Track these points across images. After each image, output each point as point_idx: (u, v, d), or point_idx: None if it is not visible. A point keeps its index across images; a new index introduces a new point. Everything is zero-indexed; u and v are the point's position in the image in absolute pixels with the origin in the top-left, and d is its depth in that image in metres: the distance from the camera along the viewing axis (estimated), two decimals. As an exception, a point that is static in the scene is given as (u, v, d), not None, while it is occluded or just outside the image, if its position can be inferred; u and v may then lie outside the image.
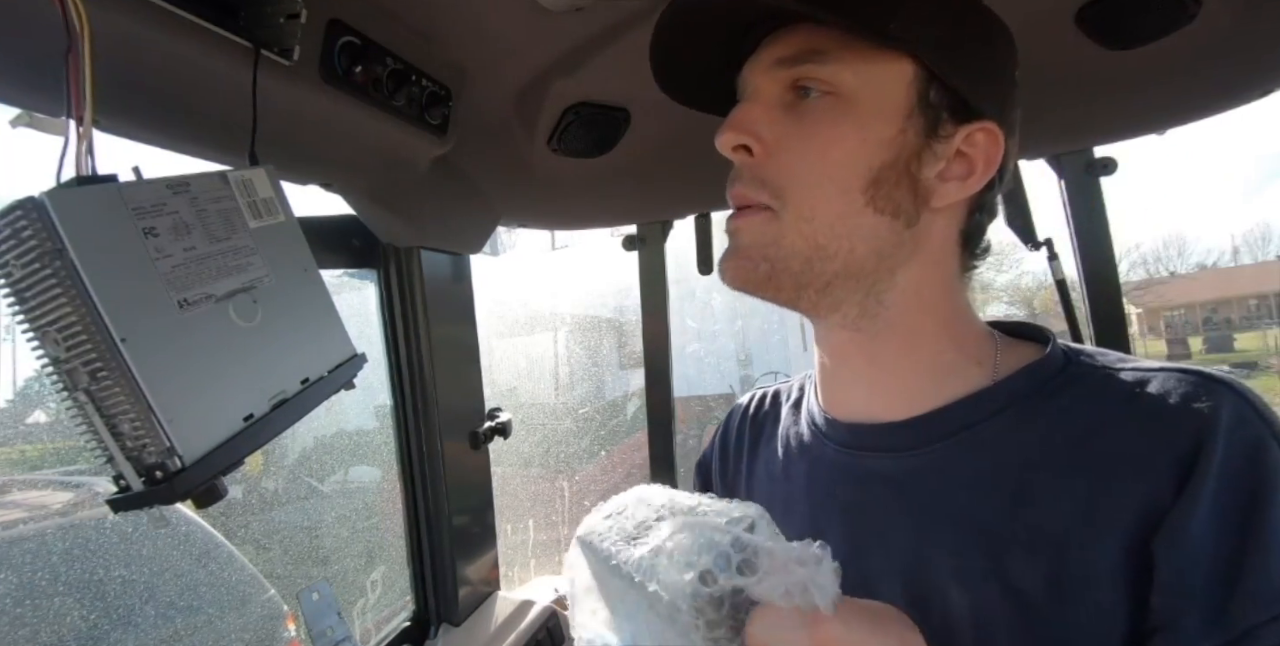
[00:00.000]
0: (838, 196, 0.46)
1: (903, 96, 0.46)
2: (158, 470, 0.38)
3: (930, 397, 0.50)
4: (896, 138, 0.46)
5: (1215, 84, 0.82)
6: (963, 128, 0.47)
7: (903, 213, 0.47)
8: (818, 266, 0.47)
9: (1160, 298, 20.47)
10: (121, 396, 0.37)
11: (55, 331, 0.37)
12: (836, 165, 0.46)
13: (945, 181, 0.48)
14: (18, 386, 3.14)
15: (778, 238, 0.47)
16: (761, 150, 0.48)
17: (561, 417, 5.09)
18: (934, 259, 0.50)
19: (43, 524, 2.31)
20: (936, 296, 0.51)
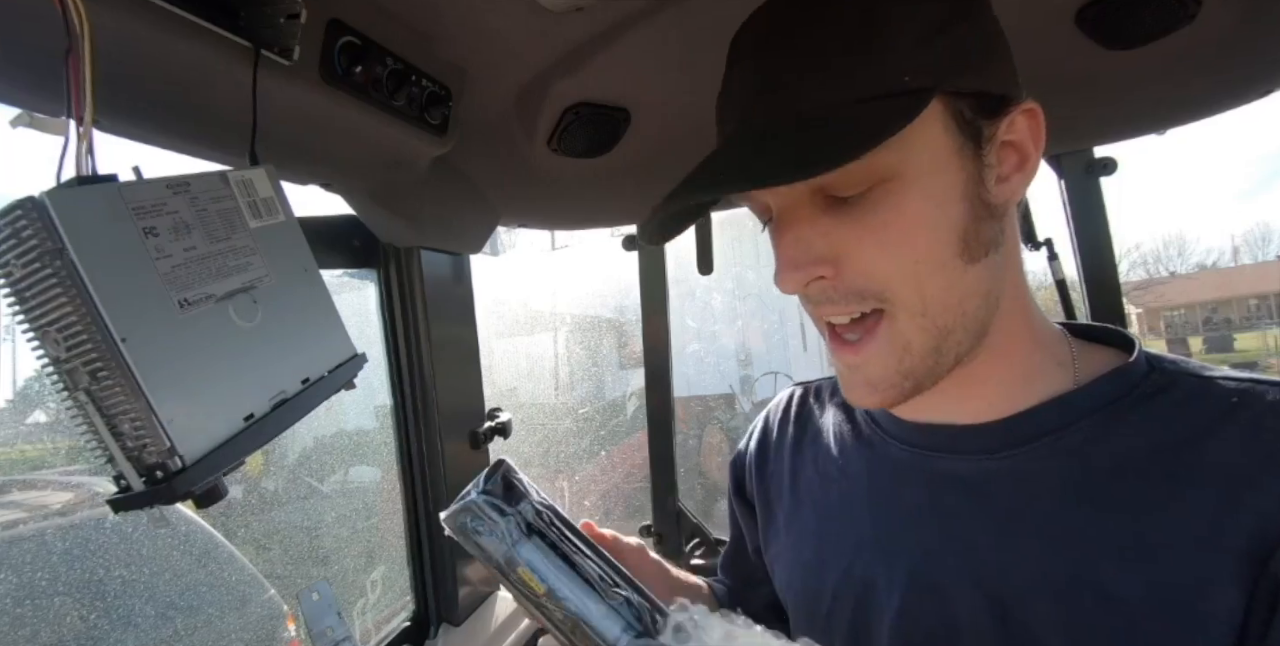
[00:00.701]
0: (938, 271, 0.42)
1: (943, 138, 0.41)
2: (158, 470, 0.38)
3: (1014, 401, 0.47)
4: (961, 184, 0.42)
5: (1215, 84, 0.82)
6: (1001, 120, 0.43)
7: (993, 244, 0.44)
8: (945, 347, 0.44)
9: (1160, 298, 20.47)
10: (122, 396, 0.37)
11: (55, 331, 0.37)
12: (924, 246, 0.42)
13: (1005, 181, 0.45)
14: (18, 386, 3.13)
15: (906, 345, 0.44)
16: (833, 270, 0.43)
17: (561, 417, 5.09)
18: (1013, 262, 0.48)
19: (43, 524, 2.31)
20: (1019, 296, 0.48)
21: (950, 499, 0.48)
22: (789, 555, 0.60)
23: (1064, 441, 0.45)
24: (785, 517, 0.61)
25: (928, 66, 0.40)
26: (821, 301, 0.45)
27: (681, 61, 0.79)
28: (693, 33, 0.75)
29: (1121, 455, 0.43)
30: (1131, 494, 0.42)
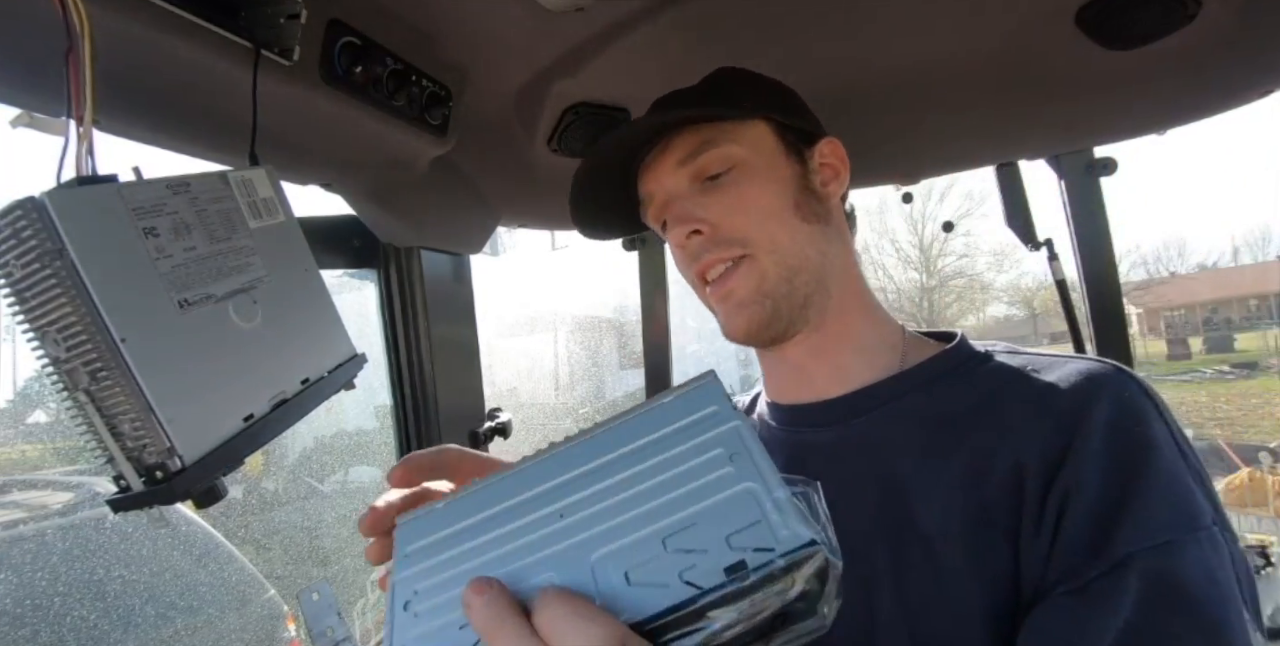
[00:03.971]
0: (782, 225, 0.59)
1: (772, 145, 0.62)
2: (158, 470, 0.38)
3: (858, 377, 0.60)
4: (787, 171, 0.61)
5: (1215, 84, 0.82)
6: (814, 147, 0.64)
7: (819, 216, 0.62)
8: (796, 282, 0.59)
9: (1160, 298, 20.50)
10: (122, 396, 0.37)
11: (55, 331, 0.37)
12: (768, 206, 0.60)
13: (827, 185, 0.64)
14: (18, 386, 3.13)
15: (764, 272, 0.59)
16: (709, 228, 0.59)
17: (561, 418, 5.09)
18: (844, 240, 0.64)
19: (43, 524, 2.31)
20: (855, 275, 0.64)
21: (810, 464, 0.59)
22: None
23: (899, 407, 0.57)
24: None
25: (759, 104, 0.63)
26: (700, 254, 0.60)
27: (681, 61, 0.79)
28: (693, 33, 0.75)
29: (940, 416, 0.55)
30: (942, 445, 0.53)
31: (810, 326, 0.61)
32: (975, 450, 0.51)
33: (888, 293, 17.88)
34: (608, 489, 0.30)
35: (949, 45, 0.80)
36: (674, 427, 0.31)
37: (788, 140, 0.63)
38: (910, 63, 0.83)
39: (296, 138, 0.69)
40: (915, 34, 0.79)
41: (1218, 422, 10.42)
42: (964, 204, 17.74)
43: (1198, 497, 0.46)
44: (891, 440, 0.55)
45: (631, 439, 0.31)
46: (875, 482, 0.54)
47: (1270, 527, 4.46)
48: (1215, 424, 10.30)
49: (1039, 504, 0.47)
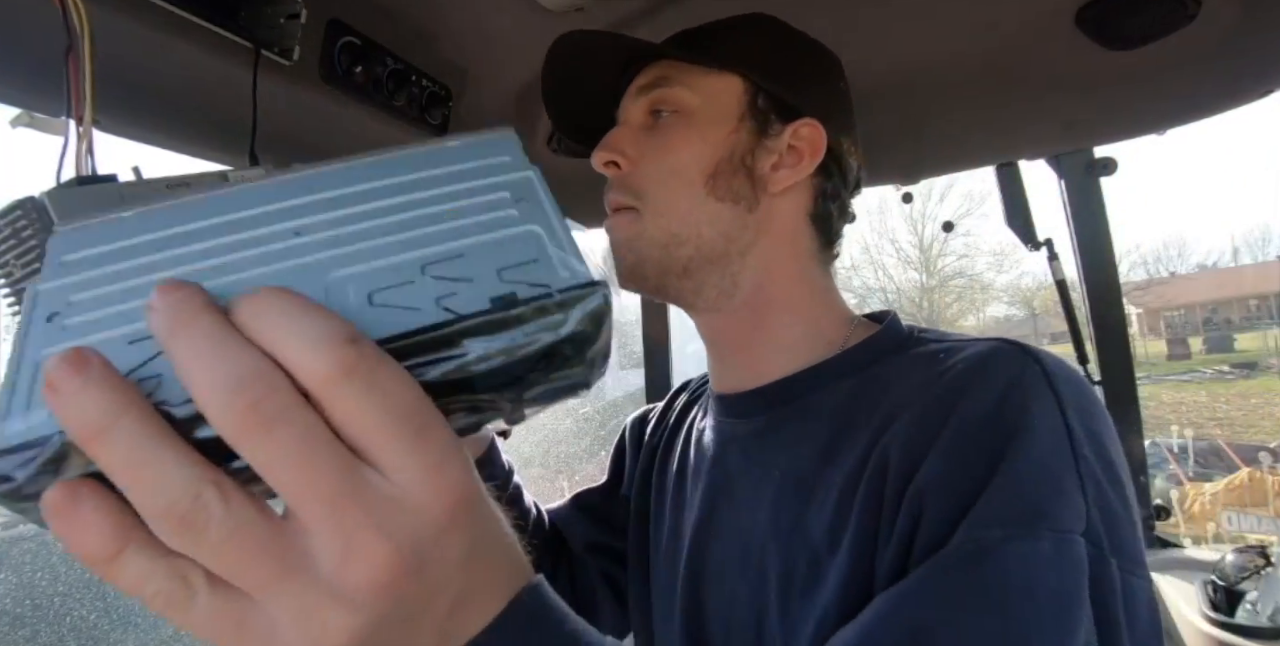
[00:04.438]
0: (683, 189, 0.55)
1: (734, 105, 0.56)
2: None
3: (779, 369, 0.56)
4: (729, 137, 0.55)
5: (1215, 84, 0.82)
6: (789, 125, 0.56)
7: (742, 199, 0.55)
8: (674, 251, 0.55)
9: (1160, 298, 20.50)
10: None
11: None
12: (680, 165, 0.55)
13: (778, 170, 0.56)
14: (18, 386, 3.13)
15: (640, 232, 0.55)
16: (627, 164, 0.56)
17: (561, 418, 5.09)
18: (783, 239, 0.57)
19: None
20: (788, 274, 0.57)
21: (730, 457, 0.58)
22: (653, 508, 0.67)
23: (811, 401, 0.54)
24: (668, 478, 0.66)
25: (743, 59, 0.56)
26: (610, 188, 0.58)
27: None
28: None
29: (844, 410, 0.51)
30: (842, 443, 0.49)
31: (709, 305, 0.57)
32: (865, 450, 0.46)
33: (888, 292, 17.89)
34: (365, 214, 0.24)
35: (949, 45, 0.81)
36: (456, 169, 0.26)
37: (757, 105, 0.56)
38: (910, 62, 0.83)
39: (296, 137, 0.69)
40: (915, 34, 0.79)
41: (1218, 422, 10.42)
42: (964, 204, 17.76)
43: (1067, 498, 0.39)
44: (801, 437, 0.52)
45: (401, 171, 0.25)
46: (778, 483, 0.51)
47: (1270, 527, 4.46)
48: (1215, 424, 10.30)
49: (894, 509, 0.42)
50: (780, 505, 0.50)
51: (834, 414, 0.51)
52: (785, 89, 0.57)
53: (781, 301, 0.57)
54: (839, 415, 0.51)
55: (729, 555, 0.53)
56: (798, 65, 0.59)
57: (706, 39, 0.58)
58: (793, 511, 0.49)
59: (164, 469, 0.18)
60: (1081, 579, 0.37)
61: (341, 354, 0.19)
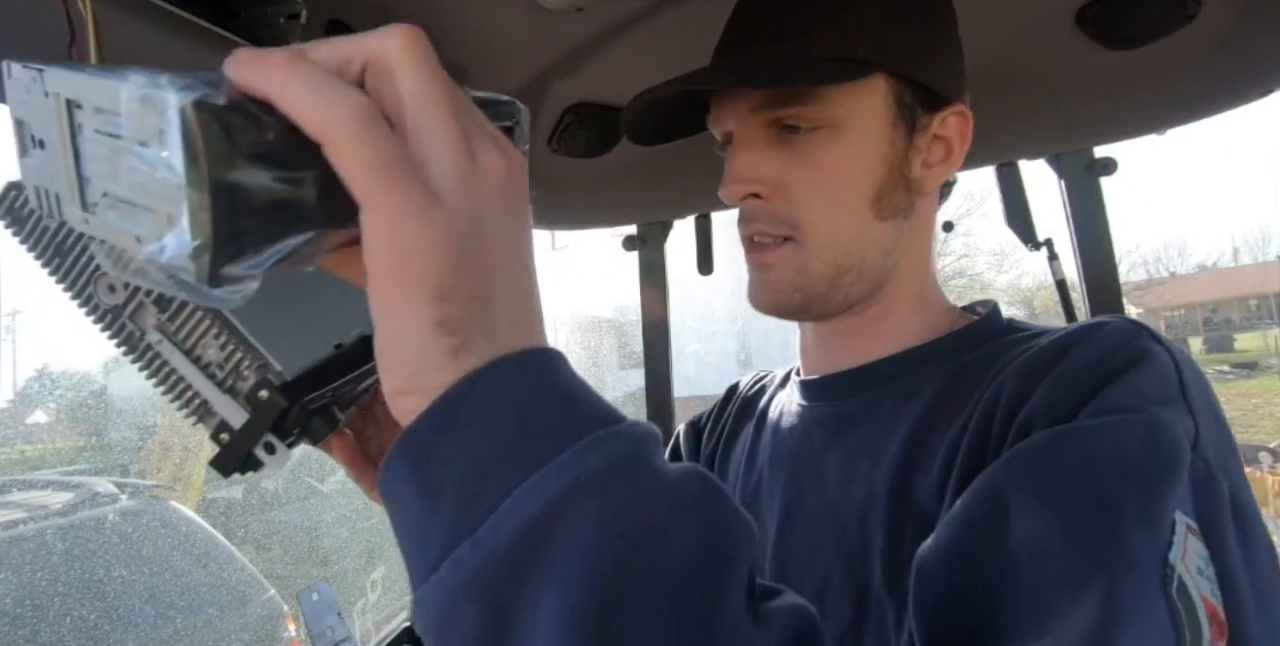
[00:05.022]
0: (849, 218, 0.51)
1: (883, 110, 0.50)
2: (261, 389, 0.32)
3: (882, 350, 0.55)
4: (889, 151, 0.50)
5: (1215, 84, 0.82)
6: (936, 115, 0.52)
7: (901, 210, 0.52)
8: (840, 281, 0.52)
9: (1160, 298, 20.50)
10: (199, 315, 0.33)
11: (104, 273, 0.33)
12: (842, 191, 0.50)
13: (930, 168, 0.52)
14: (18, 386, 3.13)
15: (804, 267, 0.51)
16: (769, 192, 0.51)
17: (561, 418, 5.09)
18: (925, 235, 0.56)
19: (43, 524, 2.31)
20: (919, 269, 0.56)
21: (816, 440, 0.56)
22: None
23: (904, 384, 0.52)
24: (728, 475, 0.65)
25: (882, 48, 0.49)
26: (750, 219, 0.53)
27: (681, 62, 0.79)
28: (693, 33, 0.75)
29: (944, 388, 0.50)
30: (935, 417, 0.48)
31: (847, 314, 0.55)
32: (969, 413, 0.46)
33: (888, 293, 17.86)
34: None
35: (949, 45, 0.81)
36: None
37: (904, 102, 0.50)
38: (910, 63, 0.83)
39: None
40: (915, 34, 0.79)
41: (1218, 422, 10.41)
42: (964, 204, 17.75)
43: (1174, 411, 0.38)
44: (899, 415, 0.51)
45: None
46: (874, 455, 0.50)
47: (1270, 527, 4.47)
48: (1215, 424, 10.28)
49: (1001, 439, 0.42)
50: (882, 480, 0.49)
51: (936, 392, 0.50)
52: (929, 73, 0.50)
53: (908, 295, 0.56)
54: (941, 393, 0.49)
55: (821, 536, 0.52)
56: (930, 33, 0.52)
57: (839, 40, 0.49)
58: (897, 483, 0.48)
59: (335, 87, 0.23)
60: (1179, 464, 0.35)
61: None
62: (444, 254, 0.23)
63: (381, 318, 0.25)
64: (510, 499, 0.23)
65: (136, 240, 0.23)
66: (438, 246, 0.23)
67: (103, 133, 0.23)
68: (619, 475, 0.24)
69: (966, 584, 0.36)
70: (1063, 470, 0.36)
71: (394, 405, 0.26)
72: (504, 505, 0.23)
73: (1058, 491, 0.35)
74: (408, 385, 0.25)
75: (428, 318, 0.24)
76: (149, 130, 0.22)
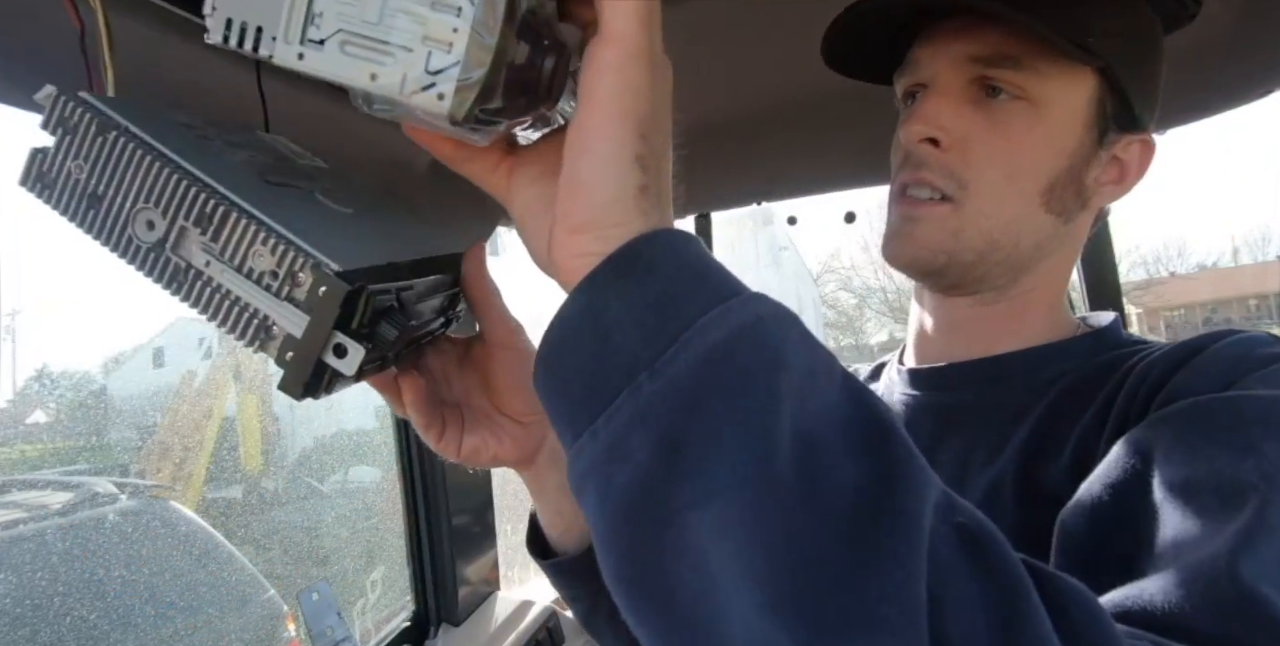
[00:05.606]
0: (1018, 197, 0.50)
1: (1085, 107, 0.49)
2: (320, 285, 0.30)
3: (1005, 346, 0.53)
4: (1076, 148, 0.50)
5: (1215, 84, 0.82)
6: (1125, 137, 0.51)
7: (1066, 211, 0.51)
8: (988, 256, 0.51)
9: (1160, 298, 20.48)
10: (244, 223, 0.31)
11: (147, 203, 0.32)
12: (1023, 168, 0.49)
13: (1102, 185, 0.52)
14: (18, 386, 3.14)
15: (957, 231, 0.50)
16: (949, 143, 0.49)
17: (561, 418, 5.08)
18: (1073, 248, 0.55)
19: (43, 524, 2.31)
20: (1059, 278, 0.55)
21: (928, 427, 0.54)
22: None
23: (1025, 382, 0.51)
24: None
25: (1111, 48, 0.48)
26: (918, 165, 0.51)
27: (681, 62, 0.79)
28: (693, 33, 0.75)
29: (1069, 389, 0.49)
30: (1063, 413, 0.48)
31: (977, 299, 0.54)
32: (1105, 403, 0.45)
33: (888, 292, 17.87)
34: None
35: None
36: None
37: (1104, 110, 0.50)
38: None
39: (297, 138, 0.69)
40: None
41: (1218, 422, 10.40)
42: (964, 204, 17.71)
43: None
44: (1018, 408, 0.50)
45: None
46: (995, 446, 0.49)
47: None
48: (1215, 424, 10.28)
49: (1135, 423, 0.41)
50: (1008, 467, 0.48)
51: (1062, 391, 0.49)
52: (1138, 93, 0.50)
53: (1044, 299, 0.55)
54: (1067, 392, 0.48)
55: None
56: (1155, 61, 0.52)
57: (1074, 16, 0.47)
58: (1024, 469, 0.47)
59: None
60: None
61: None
62: (653, 98, 0.27)
63: (588, 147, 0.27)
64: (691, 330, 0.23)
65: (372, 77, 0.26)
66: (652, 90, 0.27)
67: None
68: (792, 322, 0.25)
69: (1112, 533, 0.36)
70: (1210, 426, 0.36)
71: (565, 244, 0.27)
72: (684, 336, 0.23)
73: (1204, 445, 0.35)
74: (592, 217, 0.27)
75: (631, 149, 0.27)
76: None
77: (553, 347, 0.26)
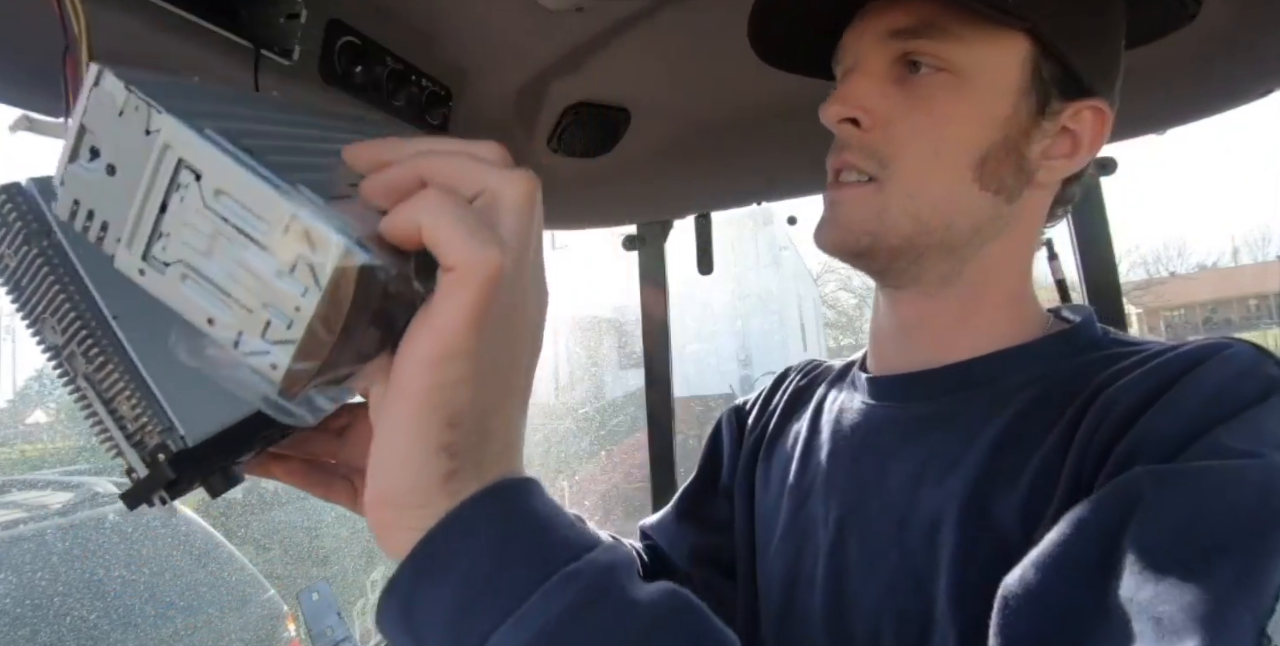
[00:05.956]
0: (946, 173, 0.47)
1: (1017, 73, 0.46)
2: (160, 451, 0.35)
3: (966, 351, 0.50)
4: (1009, 116, 0.47)
5: (1215, 84, 0.82)
6: (1071, 104, 0.48)
7: (1006, 189, 0.48)
8: (917, 241, 0.48)
9: (1160, 298, 20.49)
10: (117, 374, 0.35)
11: (51, 317, 0.36)
12: (949, 143, 0.47)
13: (1050, 159, 0.48)
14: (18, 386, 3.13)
15: (881, 212, 0.48)
16: (871, 123, 0.47)
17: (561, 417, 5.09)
18: (1024, 232, 0.51)
19: (43, 524, 2.31)
20: (1015, 268, 0.52)
21: (884, 441, 0.52)
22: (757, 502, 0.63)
23: (988, 390, 0.48)
24: (774, 469, 0.62)
25: (1039, 7, 0.45)
26: (841, 148, 0.49)
27: (681, 61, 0.79)
28: (693, 33, 0.75)
29: (1034, 398, 0.46)
30: (1021, 428, 0.45)
31: (922, 292, 0.51)
32: (1065, 432, 0.42)
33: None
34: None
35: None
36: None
37: (1041, 76, 0.47)
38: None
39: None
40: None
41: (1218, 422, 10.40)
42: (964, 204, 17.71)
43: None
44: (981, 422, 0.47)
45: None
46: (948, 465, 0.47)
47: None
48: (1215, 424, 10.28)
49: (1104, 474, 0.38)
50: (956, 492, 0.45)
51: (1025, 403, 0.46)
52: (1079, 55, 0.47)
53: (999, 295, 0.51)
54: (1031, 404, 0.45)
55: (883, 546, 0.48)
56: (1096, 18, 0.49)
57: None
58: (975, 494, 0.44)
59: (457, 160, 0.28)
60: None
61: None
62: (474, 385, 0.26)
63: (390, 436, 0.26)
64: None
65: (208, 322, 0.24)
66: (474, 378, 0.26)
67: (214, 212, 0.23)
68: (589, 610, 0.25)
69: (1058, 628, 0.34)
70: (1164, 521, 0.33)
71: (372, 511, 0.27)
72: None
73: (1157, 545, 0.33)
74: (395, 499, 0.26)
75: (436, 441, 0.26)
76: (290, 254, 0.22)
77: (386, 637, 0.28)
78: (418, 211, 0.25)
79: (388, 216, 0.25)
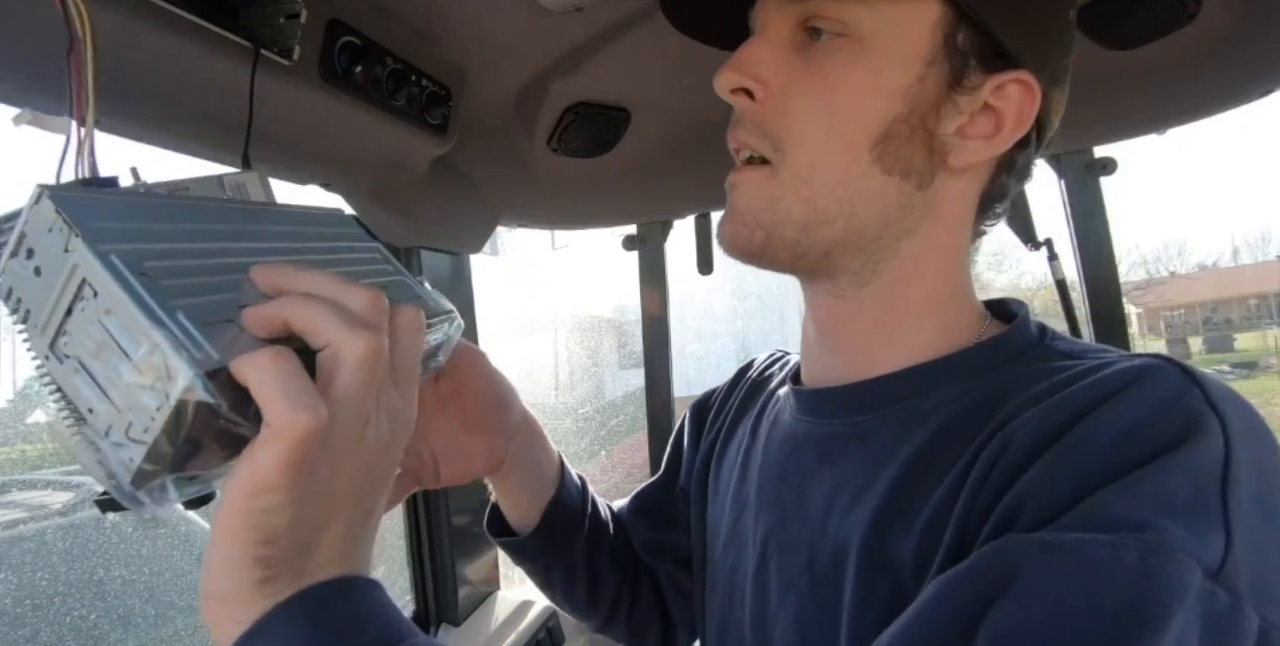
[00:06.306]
0: (842, 153, 0.42)
1: (925, 39, 0.41)
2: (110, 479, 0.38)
3: (888, 363, 0.46)
4: (914, 87, 0.41)
5: (1215, 84, 0.82)
6: (993, 77, 0.42)
7: (914, 172, 0.43)
8: (815, 233, 0.43)
9: (1160, 298, 20.46)
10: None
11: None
12: (844, 117, 0.42)
13: (967, 139, 0.43)
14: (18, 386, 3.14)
15: (774, 200, 0.43)
16: (765, 94, 0.43)
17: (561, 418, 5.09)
18: (945, 226, 0.46)
19: (43, 524, 2.31)
20: (938, 267, 0.47)
21: (805, 461, 0.49)
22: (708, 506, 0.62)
23: (913, 406, 0.44)
24: (723, 473, 0.61)
25: None
26: (736, 123, 0.46)
27: (681, 61, 0.79)
28: (693, 33, 0.75)
29: (949, 420, 0.42)
30: (933, 455, 0.41)
31: (833, 291, 0.47)
32: (964, 469, 0.38)
33: (888, 292, 17.84)
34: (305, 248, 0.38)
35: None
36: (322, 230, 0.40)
37: (955, 44, 0.41)
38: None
39: (296, 138, 0.69)
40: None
41: (1218, 422, 10.39)
42: (964, 204, 17.68)
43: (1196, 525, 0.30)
44: (894, 446, 0.43)
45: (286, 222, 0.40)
46: (861, 496, 0.43)
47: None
48: (1215, 424, 10.26)
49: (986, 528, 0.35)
50: (859, 525, 0.42)
51: (940, 423, 0.42)
52: (1003, 22, 0.41)
53: (921, 296, 0.46)
54: (945, 425, 0.42)
55: (797, 572, 0.46)
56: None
57: None
58: (876, 530, 0.41)
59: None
60: (1172, 610, 0.28)
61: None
62: (285, 512, 0.29)
63: (214, 543, 0.29)
64: None
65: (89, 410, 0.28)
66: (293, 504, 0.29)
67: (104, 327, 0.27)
68: None
69: None
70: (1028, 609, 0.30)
71: (203, 604, 0.30)
72: None
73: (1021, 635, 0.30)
74: (219, 596, 0.30)
75: (251, 555, 0.29)
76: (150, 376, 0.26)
77: None
78: (248, 368, 0.28)
79: (231, 363, 0.28)
